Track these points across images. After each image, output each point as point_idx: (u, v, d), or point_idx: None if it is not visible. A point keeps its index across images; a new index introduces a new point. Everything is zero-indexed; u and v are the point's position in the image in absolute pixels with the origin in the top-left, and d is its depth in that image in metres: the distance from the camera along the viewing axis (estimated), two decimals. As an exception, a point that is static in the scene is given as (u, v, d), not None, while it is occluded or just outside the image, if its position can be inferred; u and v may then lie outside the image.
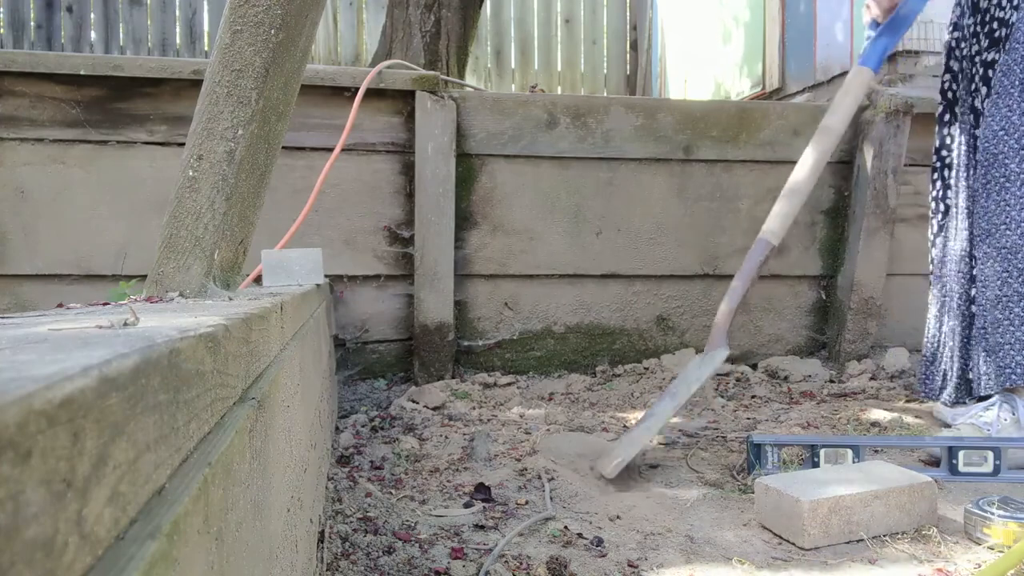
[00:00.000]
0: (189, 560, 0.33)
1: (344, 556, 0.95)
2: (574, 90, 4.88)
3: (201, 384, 0.40)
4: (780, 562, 0.99)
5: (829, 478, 1.11)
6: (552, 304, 2.13)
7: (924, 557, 0.99)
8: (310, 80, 1.83)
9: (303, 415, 0.90)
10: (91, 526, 0.24)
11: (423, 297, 2.00)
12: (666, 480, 1.30)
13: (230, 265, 0.99)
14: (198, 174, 0.93)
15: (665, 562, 0.98)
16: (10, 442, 0.19)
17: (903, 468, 1.16)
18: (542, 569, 0.93)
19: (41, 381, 0.22)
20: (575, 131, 2.10)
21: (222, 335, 0.46)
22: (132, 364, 0.29)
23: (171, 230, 0.92)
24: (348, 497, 1.16)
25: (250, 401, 0.54)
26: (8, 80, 1.81)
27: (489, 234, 2.08)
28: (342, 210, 2.00)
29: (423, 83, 1.98)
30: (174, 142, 1.87)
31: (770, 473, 1.27)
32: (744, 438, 1.45)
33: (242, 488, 0.47)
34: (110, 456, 0.26)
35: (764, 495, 1.10)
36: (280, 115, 1.02)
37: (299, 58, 1.03)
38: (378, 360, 2.06)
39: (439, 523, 1.11)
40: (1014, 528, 1.00)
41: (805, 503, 1.02)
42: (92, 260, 1.87)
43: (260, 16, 0.95)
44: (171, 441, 0.34)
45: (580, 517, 1.14)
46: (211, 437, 0.42)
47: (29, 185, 1.84)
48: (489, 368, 2.09)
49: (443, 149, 1.99)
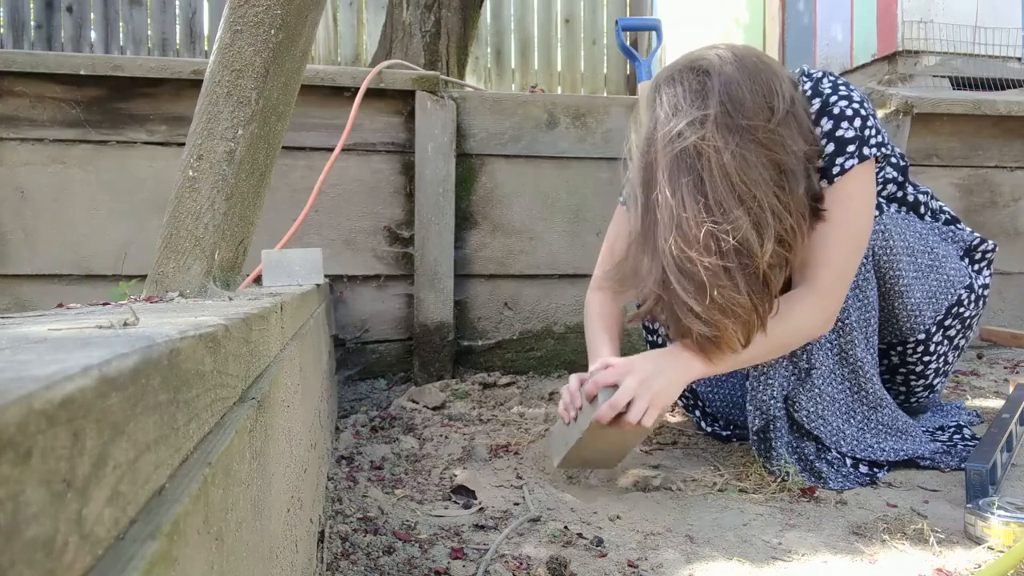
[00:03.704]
0: (189, 560, 0.33)
1: (344, 556, 0.95)
2: (574, 90, 4.88)
3: (201, 384, 0.40)
4: (781, 563, 0.99)
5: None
6: (552, 304, 2.13)
7: (923, 557, 0.99)
8: (310, 80, 1.83)
9: (303, 415, 0.90)
10: (91, 526, 0.24)
11: (423, 297, 2.00)
12: (666, 480, 1.30)
13: (230, 265, 0.99)
14: (198, 174, 0.93)
15: (665, 562, 0.98)
16: (10, 442, 0.19)
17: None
18: (542, 569, 0.93)
19: (41, 381, 0.22)
20: (575, 131, 2.10)
21: (222, 335, 0.46)
22: (132, 364, 0.29)
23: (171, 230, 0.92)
24: (348, 497, 1.16)
25: (250, 401, 0.54)
26: (8, 80, 1.81)
27: (489, 234, 2.08)
28: (342, 210, 2.00)
29: (423, 83, 1.98)
30: (174, 142, 1.87)
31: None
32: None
33: (242, 488, 0.47)
34: (110, 456, 0.26)
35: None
36: (280, 115, 1.02)
37: (299, 58, 1.03)
38: (378, 360, 2.06)
39: (439, 523, 1.11)
40: (1014, 528, 1.00)
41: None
42: (92, 260, 1.87)
43: (260, 16, 0.95)
44: (171, 441, 0.34)
45: (580, 517, 1.14)
46: (211, 437, 0.42)
47: (29, 185, 1.84)
48: (489, 368, 2.09)
49: (443, 149, 1.99)
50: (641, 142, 1.17)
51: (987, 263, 1.49)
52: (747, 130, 1.08)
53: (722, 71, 1.11)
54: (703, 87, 1.10)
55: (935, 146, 2.36)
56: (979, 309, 1.45)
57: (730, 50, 1.16)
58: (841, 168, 1.21)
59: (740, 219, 1.05)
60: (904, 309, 1.36)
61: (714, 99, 1.09)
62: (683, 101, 1.11)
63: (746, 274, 1.07)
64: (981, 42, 3.11)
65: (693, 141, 1.08)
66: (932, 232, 1.44)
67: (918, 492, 1.25)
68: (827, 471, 1.29)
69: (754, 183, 1.06)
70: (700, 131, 1.08)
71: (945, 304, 1.40)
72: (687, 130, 1.08)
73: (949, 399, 1.74)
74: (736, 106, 1.08)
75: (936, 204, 1.51)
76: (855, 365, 1.33)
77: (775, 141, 1.09)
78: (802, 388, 1.32)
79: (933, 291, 1.39)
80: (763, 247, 1.06)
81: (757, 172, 1.06)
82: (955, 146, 2.39)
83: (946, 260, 1.41)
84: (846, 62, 3.46)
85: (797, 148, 1.11)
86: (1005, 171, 2.44)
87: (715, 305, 1.07)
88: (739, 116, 1.08)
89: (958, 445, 1.39)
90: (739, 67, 1.12)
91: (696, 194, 1.07)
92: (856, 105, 1.24)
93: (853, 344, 1.32)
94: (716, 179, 1.06)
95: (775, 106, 1.10)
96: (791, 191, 1.09)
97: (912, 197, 1.47)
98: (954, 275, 1.41)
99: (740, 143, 1.07)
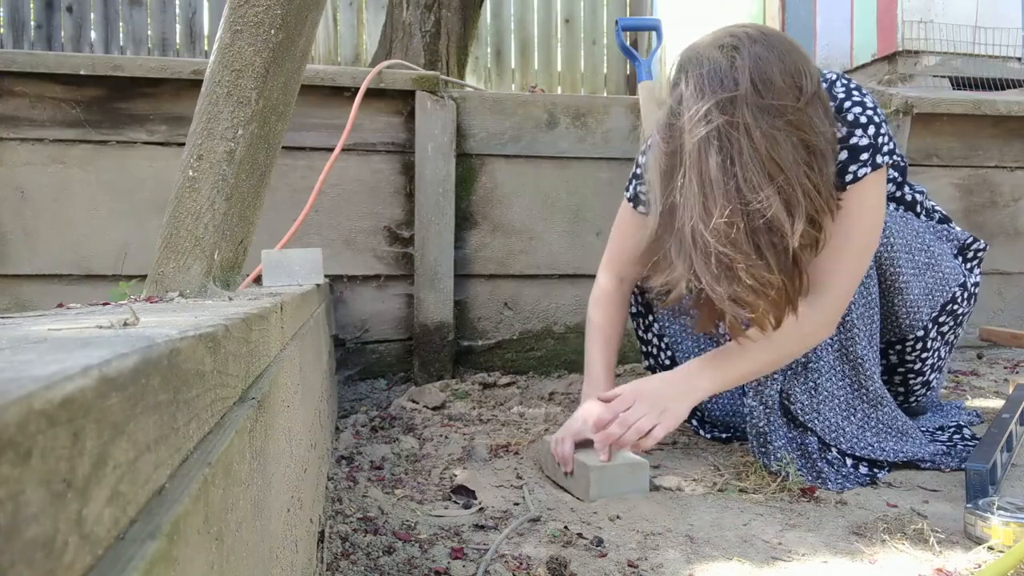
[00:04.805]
0: (189, 560, 0.33)
1: (344, 556, 0.95)
2: (574, 90, 4.88)
3: (201, 384, 0.40)
4: (781, 563, 0.99)
5: None
6: (552, 304, 2.13)
7: (923, 557, 0.99)
8: (310, 80, 1.83)
9: (303, 415, 0.90)
10: (91, 526, 0.24)
11: (423, 297, 2.00)
12: (666, 480, 1.30)
13: (230, 265, 0.99)
14: (198, 174, 0.93)
15: (665, 562, 0.98)
16: (10, 442, 0.19)
17: None
18: (542, 569, 0.93)
19: (41, 381, 0.22)
20: (575, 131, 2.10)
21: (222, 335, 0.46)
22: (132, 364, 0.29)
23: (171, 230, 0.92)
24: (348, 497, 1.16)
25: (250, 401, 0.54)
26: (8, 80, 1.81)
27: (489, 234, 2.08)
28: (342, 210, 2.00)
29: (423, 83, 1.98)
30: (174, 142, 1.87)
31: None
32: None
33: (242, 488, 0.47)
34: (110, 456, 0.26)
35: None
36: (280, 115, 1.02)
37: (299, 58, 1.03)
38: (378, 360, 2.06)
39: (439, 523, 1.11)
40: (1014, 528, 1.00)
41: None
42: (92, 260, 1.87)
43: (260, 16, 0.95)
44: (171, 441, 0.34)
45: (580, 517, 1.14)
46: (211, 437, 0.42)
47: (29, 185, 1.84)
48: (489, 368, 2.09)
49: (443, 149, 1.99)
50: (663, 123, 1.15)
51: (978, 261, 1.50)
52: (777, 109, 1.06)
53: (752, 49, 1.09)
54: (732, 65, 1.08)
55: (935, 146, 2.36)
56: (971, 306, 1.47)
57: (758, 29, 1.14)
58: (854, 176, 1.21)
59: (771, 198, 1.04)
60: (903, 306, 1.37)
61: (744, 77, 1.07)
62: (711, 80, 1.09)
63: (776, 253, 1.06)
64: (981, 42, 3.11)
65: (723, 120, 1.06)
66: (928, 231, 1.45)
67: (918, 492, 1.25)
68: (827, 471, 1.29)
69: (784, 162, 1.05)
70: (730, 109, 1.06)
71: (940, 301, 1.41)
72: (715, 109, 1.07)
73: (949, 399, 1.74)
74: (766, 85, 1.07)
75: (930, 204, 1.52)
76: (856, 362, 1.33)
77: (804, 121, 1.07)
78: (797, 381, 1.32)
79: (930, 288, 1.39)
80: (794, 226, 1.05)
81: (787, 151, 1.05)
82: (955, 146, 2.39)
83: (942, 258, 1.42)
84: (846, 62, 3.46)
85: (824, 129, 1.10)
86: (1005, 171, 2.44)
87: (746, 286, 1.06)
88: (769, 95, 1.06)
89: (958, 445, 1.39)
90: (768, 46, 1.10)
91: (726, 174, 1.06)
92: (870, 112, 1.23)
93: (854, 341, 1.32)
94: (746, 158, 1.05)
95: (803, 86, 1.09)
96: (820, 170, 1.08)
97: (910, 196, 1.47)
98: (949, 273, 1.42)
99: (770, 122, 1.05)
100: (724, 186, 1.05)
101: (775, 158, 1.05)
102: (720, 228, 1.05)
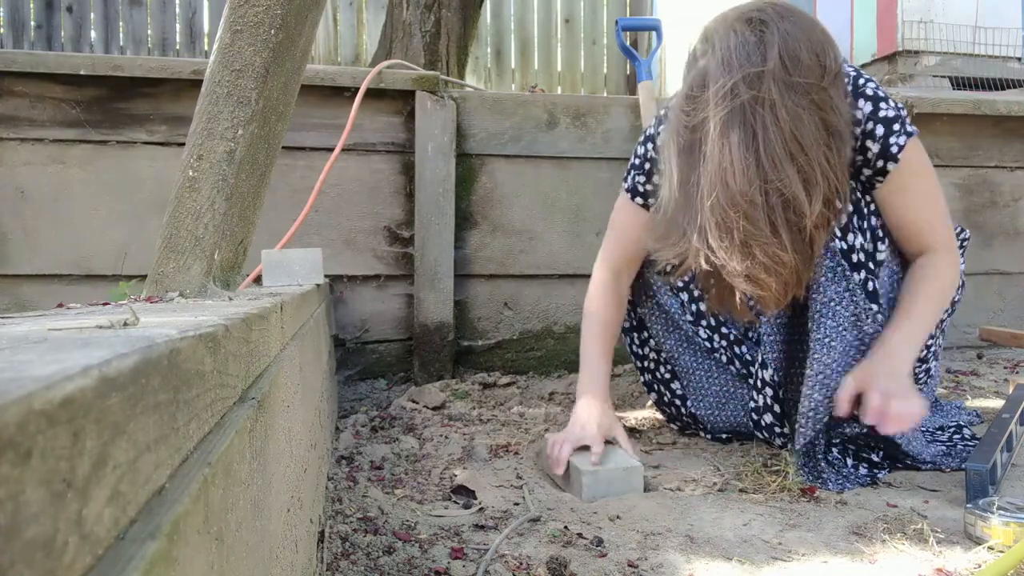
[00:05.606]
0: (189, 560, 0.33)
1: (344, 556, 0.95)
2: (574, 90, 4.88)
3: (201, 384, 0.40)
4: (781, 563, 0.99)
5: None
6: (552, 304, 2.13)
7: (923, 557, 0.99)
8: (310, 80, 1.83)
9: (303, 415, 0.90)
10: (91, 526, 0.24)
11: (423, 297, 2.00)
12: (666, 480, 1.30)
13: (230, 265, 0.99)
14: (198, 174, 0.93)
15: (665, 562, 0.98)
16: (10, 442, 0.19)
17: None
18: (542, 569, 0.93)
19: (41, 381, 0.22)
20: (575, 131, 2.10)
21: (222, 335, 0.46)
22: (132, 364, 0.29)
23: (171, 230, 0.92)
24: (348, 497, 1.16)
25: (250, 401, 0.54)
26: (8, 80, 1.81)
27: (489, 234, 2.08)
28: (342, 210, 2.00)
29: (423, 83, 1.98)
30: (174, 142, 1.87)
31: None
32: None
33: (242, 488, 0.47)
34: (110, 456, 0.26)
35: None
36: (280, 115, 1.02)
37: (299, 58, 1.03)
38: (378, 360, 2.06)
39: (439, 523, 1.11)
40: (1014, 528, 1.00)
41: None
42: (92, 260, 1.87)
43: (260, 16, 0.95)
44: (171, 441, 0.34)
45: (580, 517, 1.14)
46: (211, 437, 0.42)
47: (29, 185, 1.84)
48: (489, 368, 2.09)
49: (443, 149, 1.99)
50: (683, 96, 1.14)
51: (963, 250, 1.51)
52: (803, 87, 1.06)
53: (780, 25, 1.09)
54: (761, 40, 1.08)
55: (935, 146, 2.36)
56: (962, 293, 1.49)
57: (784, 6, 1.14)
58: (898, 146, 1.23)
59: (791, 176, 1.04)
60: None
61: (773, 52, 1.06)
62: (738, 54, 1.08)
63: (792, 232, 1.06)
64: (981, 42, 3.11)
65: (750, 95, 1.06)
66: None
67: (918, 492, 1.25)
68: (827, 471, 1.28)
69: (806, 141, 1.05)
70: (757, 84, 1.06)
71: None
72: (743, 83, 1.06)
73: (949, 399, 1.74)
74: (794, 62, 1.06)
75: None
76: (874, 336, 1.27)
77: (826, 101, 1.07)
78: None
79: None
80: (811, 206, 1.05)
81: (810, 130, 1.05)
82: (955, 146, 2.39)
83: None
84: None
85: (844, 111, 1.10)
86: (1005, 171, 2.44)
87: (760, 264, 1.06)
88: (796, 72, 1.06)
89: (958, 445, 1.39)
90: (795, 23, 1.10)
91: (747, 150, 1.05)
92: (880, 90, 1.26)
93: (874, 314, 1.26)
94: (770, 134, 1.05)
95: (827, 65, 1.09)
96: (839, 152, 1.08)
97: None
98: None
99: (796, 100, 1.05)
100: (744, 161, 1.05)
101: (797, 137, 1.05)
102: (739, 203, 1.05)
